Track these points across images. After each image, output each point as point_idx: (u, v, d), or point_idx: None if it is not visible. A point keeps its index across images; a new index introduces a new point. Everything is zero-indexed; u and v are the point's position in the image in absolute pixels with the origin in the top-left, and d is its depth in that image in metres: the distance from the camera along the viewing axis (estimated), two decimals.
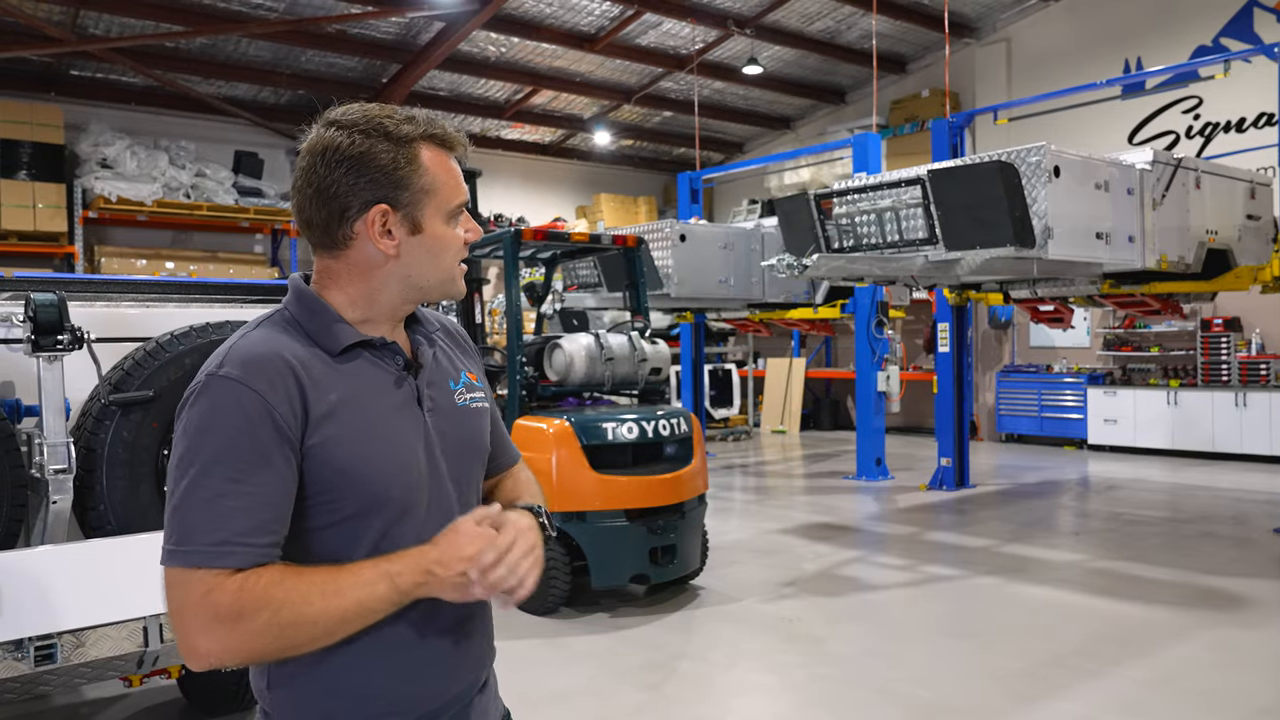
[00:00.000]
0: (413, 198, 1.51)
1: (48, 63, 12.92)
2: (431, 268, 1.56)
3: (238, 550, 1.35)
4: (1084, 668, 4.97)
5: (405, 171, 1.50)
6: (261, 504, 1.38)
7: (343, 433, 1.46)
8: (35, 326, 3.07)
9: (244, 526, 1.36)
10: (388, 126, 1.50)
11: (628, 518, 5.98)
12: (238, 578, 1.34)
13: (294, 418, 1.42)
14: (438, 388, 1.63)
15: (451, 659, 1.59)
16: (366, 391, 1.52)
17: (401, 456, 1.52)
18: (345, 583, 1.38)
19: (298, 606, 1.34)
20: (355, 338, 1.53)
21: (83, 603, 3.08)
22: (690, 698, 4.77)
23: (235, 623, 1.32)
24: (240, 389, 1.40)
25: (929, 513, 9.48)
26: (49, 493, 3.08)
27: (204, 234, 14.28)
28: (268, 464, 1.39)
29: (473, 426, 1.67)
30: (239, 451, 1.38)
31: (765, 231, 11.62)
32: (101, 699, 4.66)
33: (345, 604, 1.37)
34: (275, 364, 1.44)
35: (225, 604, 1.33)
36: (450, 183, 1.55)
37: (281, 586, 1.35)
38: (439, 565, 1.41)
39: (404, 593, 1.40)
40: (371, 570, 1.40)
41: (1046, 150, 6.67)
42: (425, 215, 1.53)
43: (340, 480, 1.45)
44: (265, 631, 1.33)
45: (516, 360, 6.30)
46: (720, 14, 14.14)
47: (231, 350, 1.46)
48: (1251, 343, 12.63)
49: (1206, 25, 13.17)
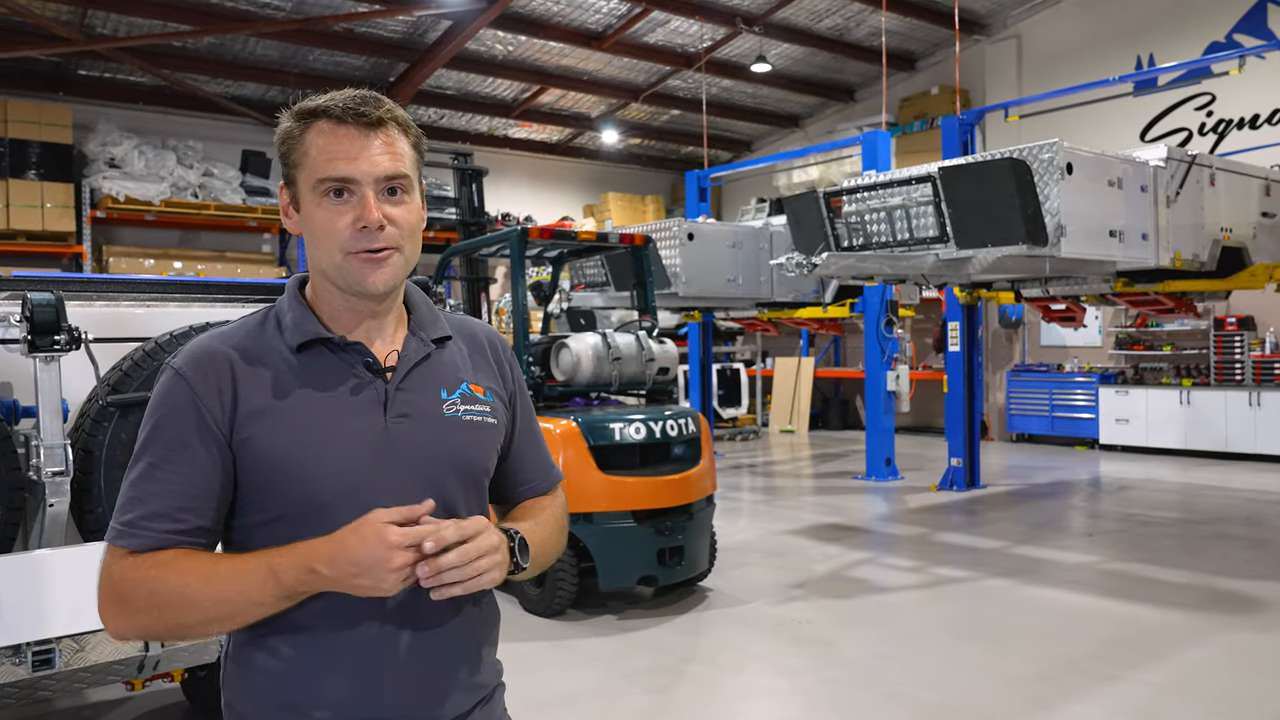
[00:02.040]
0: (291, 172, 1.50)
1: (56, 62, 12.93)
2: (315, 249, 1.49)
3: (139, 533, 1.39)
4: (1098, 671, 4.90)
5: (289, 146, 1.50)
6: (173, 490, 1.41)
7: (274, 430, 1.45)
8: (32, 326, 3.03)
9: (151, 511, 1.40)
10: (299, 105, 1.51)
11: (635, 519, 5.93)
12: (132, 558, 1.39)
13: (220, 410, 1.44)
14: (421, 394, 1.55)
15: (409, 679, 1.50)
16: (314, 391, 1.48)
17: (338, 460, 1.45)
18: (225, 569, 1.39)
19: (175, 587, 1.36)
20: (311, 334, 1.50)
21: (81, 607, 3.04)
22: (699, 701, 4.72)
23: (122, 599, 1.38)
24: (176, 380, 1.45)
25: (939, 513, 9.40)
26: (46, 495, 3.03)
27: (212, 233, 14.28)
28: (186, 452, 1.42)
29: (460, 439, 1.57)
30: (162, 439, 1.43)
31: (774, 230, 11.57)
32: (104, 702, 4.63)
33: (225, 590, 1.37)
34: (214, 358, 1.47)
35: (115, 579, 1.39)
36: (322, 156, 1.45)
37: (162, 567, 1.38)
38: (326, 564, 1.34)
39: (287, 586, 1.37)
40: (255, 559, 1.39)
41: (1059, 147, 6.59)
42: (300, 191, 1.49)
43: (268, 478, 1.45)
44: (146, 609, 1.37)
45: (523, 360, 6.26)
46: (728, 11, 14.07)
47: (191, 344, 1.51)
48: (1266, 341, 12.50)
49: (1219, 21, 13.05)
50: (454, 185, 8.70)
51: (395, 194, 1.49)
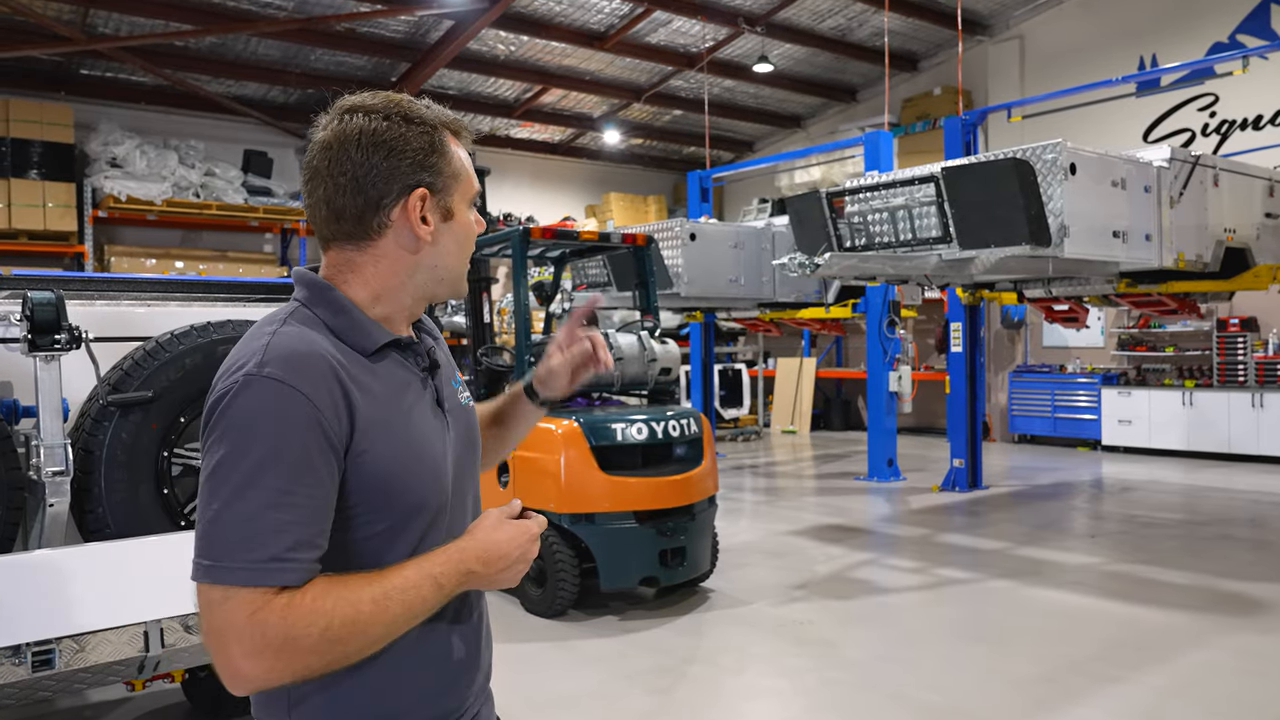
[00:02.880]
0: (445, 183, 1.49)
1: (58, 62, 12.93)
2: (458, 257, 1.54)
3: (288, 567, 1.27)
4: (1101, 673, 4.88)
5: (438, 156, 1.47)
6: (310, 517, 1.30)
7: (386, 441, 1.40)
8: (32, 325, 3.02)
9: (293, 541, 1.27)
10: (416, 111, 1.47)
11: (637, 519, 5.91)
12: (285, 595, 1.27)
13: (339, 424, 1.34)
14: (446, 386, 1.60)
15: (472, 668, 1.58)
16: (399, 396, 1.47)
17: (436, 464, 1.49)
18: (392, 587, 1.33)
19: (349, 617, 1.28)
20: (387, 337, 1.48)
21: (81, 607, 3.03)
22: (700, 702, 4.70)
23: (285, 643, 1.25)
24: (285, 390, 1.30)
25: (942, 514, 9.39)
26: (46, 495, 3.02)
27: (213, 233, 14.28)
28: (314, 474, 1.31)
29: (474, 424, 1.67)
30: (286, 460, 1.28)
31: (776, 230, 11.55)
32: (104, 702, 4.61)
33: (394, 609, 1.32)
34: (319, 365, 1.35)
35: (274, 623, 1.24)
36: (471, 171, 1.55)
37: (329, 599, 1.28)
38: (480, 563, 1.41)
39: (447, 593, 1.39)
40: (415, 572, 1.35)
41: (1063, 147, 6.57)
42: (455, 201, 1.51)
43: (383, 491, 1.40)
44: (316, 648, 1.26)
45: (525, 360, 6.24)
46: (731, 12, 14.05)
47: (270, 348, 1.35)
48: (1269, 343, 12.48)
49: (1223, 22, 13.02)
50: None
51: None
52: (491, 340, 7.36)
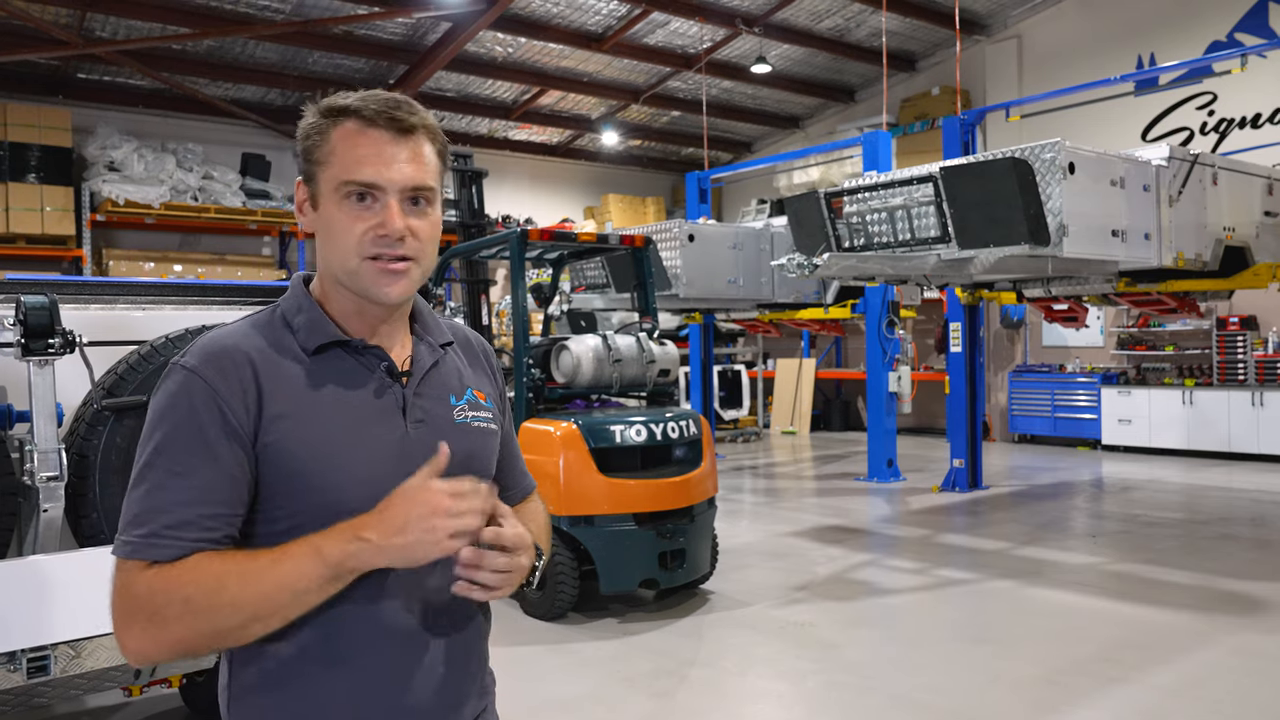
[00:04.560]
0: (314, 171, 1.44)
1: (55, 66, 12.91)
2: (329, 250, 1.44)
3: (164, 543, 1.30)
4: (1104, 674, 4.87)
5: (313, 142, 1.44)
6: (198, 498, 1.32)
7: (299, 434, 1.38)
8: (26, 330, 3.00)
9: (175, 519, 1.30)
10: (328, 101, 1.46)
11: (636, 522, 5.89)
12: (157, 569, 1.29)
13: (245, 413, 1.36)
14: (433, 400, 1.53)
15: (434, 689, 1.48)
16: (336, 395, 1.43)
17: (364, 467, 1.41)
18: (265, 559, 1.30)
19: (211, 588, 1.27)
20: (329, 337, 1.46)
21: (77, 613, 3.01)
22: (701, 705, 4.68)
23: (151, 614, 1.27)
24: (192, 379, 1.36)
25: (942, 515, 9.37)
26: (40, 501, 3.00)
27: (212, 237, 14.27)
28: (211, 456, 1.33)
29: (471, 446, 1.55)
30: (182, 442, 1.33)
31: (774, 231, 11.55)
32: (102, 708, 4.60)
33: (266, 581, 1.28)
34: (233, 356, 1.38)
35: (140, 594, 1.28)
36: (348, 157, 1.40)
37: (194, 572, 1.29)
38: (371, 529, 1.30)
39: (333, 564, 1.29)
40: (297, 545, 1.31)
41: (1061, 146, 6.56)
42: (320, 190, 1.44)
43: (292, 484, 1.38)
44: (180, 618, 1.27)
45: (523, 362, 6.23)
46: (728, 13, 14.04)
47: (199, 342, 1.42)
48: (1268, 341, 12.47)
49: (1221, 20, 13.02)
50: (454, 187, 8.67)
51: (418, 204, 1.45)
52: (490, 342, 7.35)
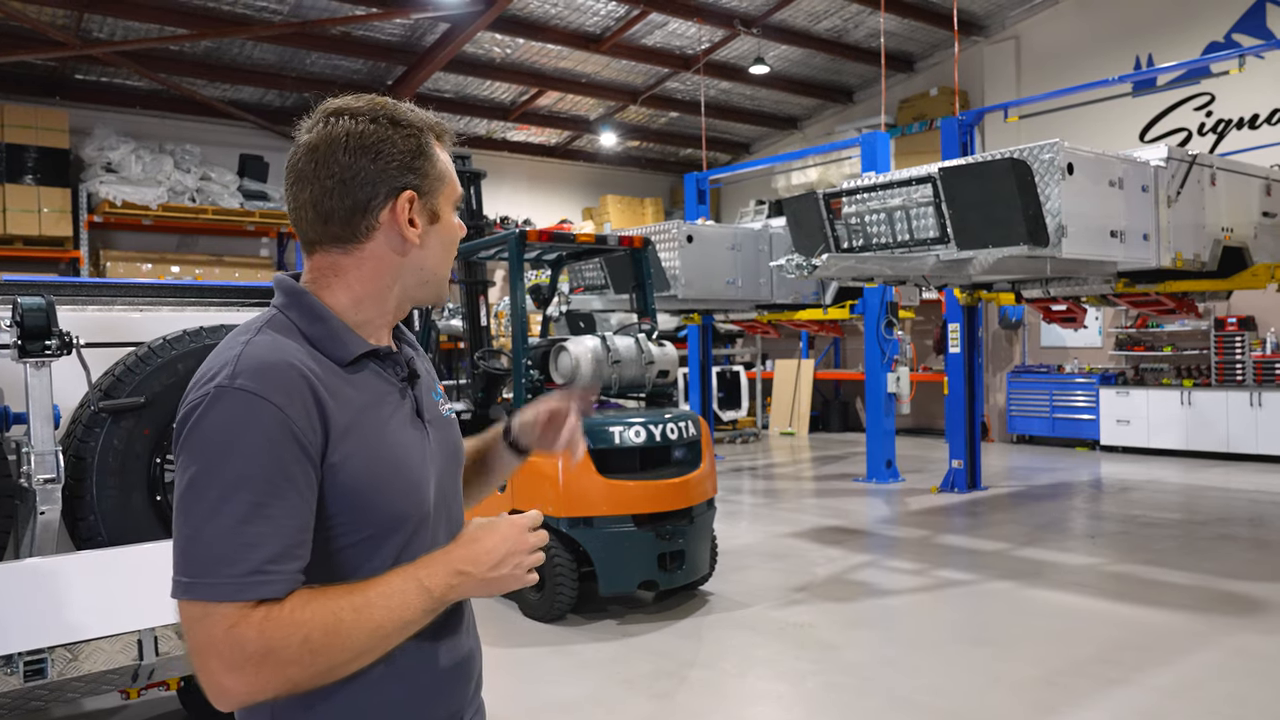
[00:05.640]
0: (431, 186, 1.49)
1: (52, 67, 12.89)
2: (443, 259, 1.53)
3: (268, 580, 1.25)
4: (1103, 675, 4.86)
5: (424, 159, 1.47)
6: (288, 529, 1.28)
7: (361, 451, 1.38)
8: (22, 331, 2.99)
9: (271, 554, 1.26)
10: (401, 114, 1.47)
11: (636, 523, 5.89)
12: (263, 608, 1.25)
13: (314, 434, 1.32)
14: (427, 397, 1.58)
15: (464, 672, 1.56)
16: (377, 406, 1.45)
17: (415, 474, 1.46)
18: (374, 594, 1.31)
19: (329, 627, 1.26)
20: (365, 347, 1.46)
21: (74, 616, 3.00)
22: (701, 707, 4.67)
23: (265, 656, 1.23)
24: (257, 402, 1.28)
25: (941, 516, 9.36)
26: (37, 503, 2.98)
27: (209, 238, 14.25)
28: (292, 485, 1.29)
29: (456, 437, 1.65)
30: (262, 472, 1.27)
31: (773, 232, 11.54)
32: (99, 710, 4.59)
33: (378, 616, 1.30)
34: (291, 375, 1.33)
35: (252, 637, 1.23)
36: (454, 175, 1.55)
37: (308, 609, 1.26)
38: (470, 563, 1.38)
39: (437, 597, 1.36)
40: (400, 579, 1.34)
41: (1060, 147, 6.55)
42: (441, 204, 1.51)
43: (359, 500, 1.37)
44: (298, 659, 1.24)
45: (522, 363, 6.22)
46: (727, 13, 14.04)
47: (242, 358, 1.33)
48: (1266, 341, 12.47)
49: (1218, 21, 13.03)
50: None
51: None
52: (488, 344, 7.34)
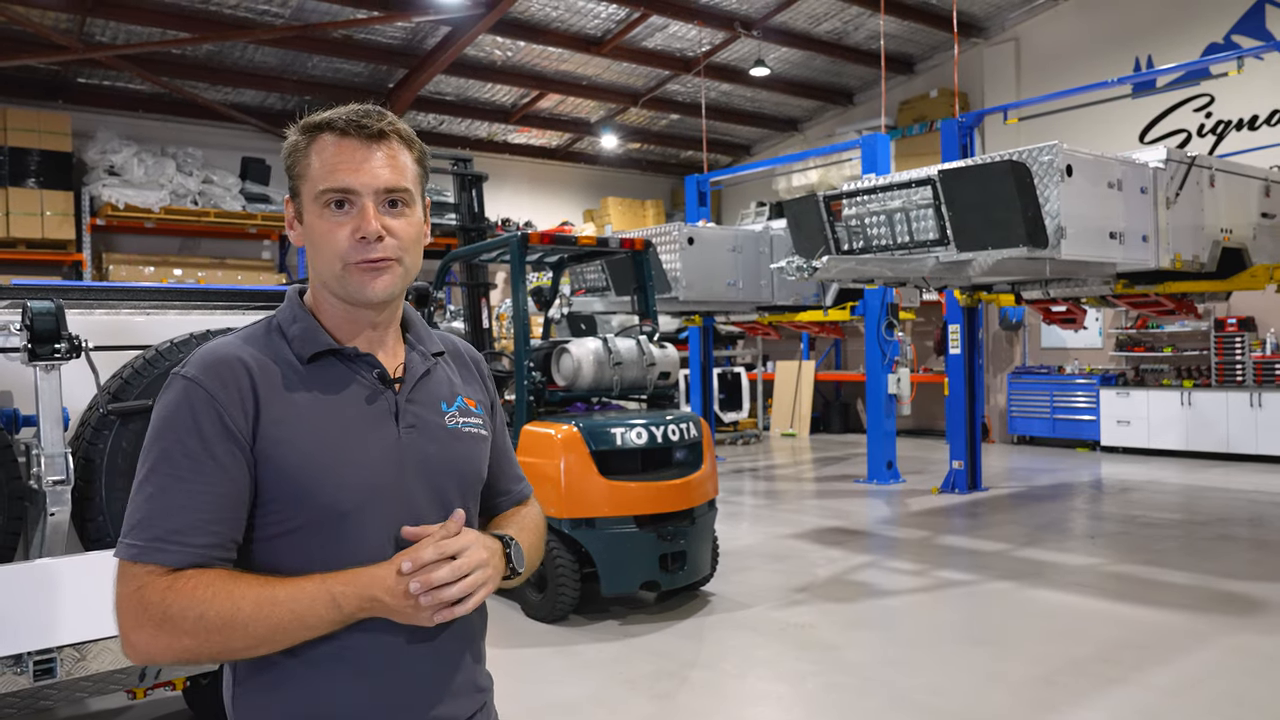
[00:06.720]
0: (298, 185, 1.52)
1: (55, 71, 12.94)
2: (317, 259, 1.50)
3: (170, 548, 1.35)
4: (1103, 675, 4.89)
5: (294, 159, 1.51)
6: (202, 503, 1.37)
7: (295, 439, 1.43)
8: (32, 335, 3.01)
9: (180, 524, 1.35)
10: (305, 119, 1.51)
11: (637, 524, 5.91)
12: (170, 577, 1.34)
13: (244, 419, 1.41)
14: (425, 407, 1.58)
15: (427, 689, 1.52)
16: (331, 402, 1.49)
17: (357, 471, 1.47)
18: (283, 593, 1.36)
19: (226, 611, 1.33)
20: (323, 346, 1.51)
21: (82, 616, 3.02)
22: (702, 707, 4.70)
23: (163, 622, 1.33)
24: (192, 388, 1.41)
25: (942, 516, 9.39)
26: (47, 504, 3.01)
27: (211, 240, 14.30)
28: (212, 462, 1.38)
29: (462, 451, 1.61)
30: (184, 448, 1.38)
31: (774, 234, 11.57)
32: (106, 710, 4.61)
33: (280, 614, 1.35)
34: (231, 364, 1.44)
35: (154, 601, 1.33)
36: (325, 168, 1.47)
37: (211, 589, 1.34)
38: (388, 593, 1.38)
39: (347, 614, 1.39)
40: (314, 586, 1.38)
41: (1059, 149, 6.58)
42: (304, 202, 1.51)
43: (290, 489, 1.43)
44: (192, 632, 1.33)
45: (524, 365, 6.24)
46: (727, 16, 14.08)
47: (199, 353, 1.47)
48: (1266, 342, 12.50)
49: (1218, 22, 13.06)
50: (454, 191, 8.68)
51: (395, 206, 1.50)
52: (490, 345, 7.37)
